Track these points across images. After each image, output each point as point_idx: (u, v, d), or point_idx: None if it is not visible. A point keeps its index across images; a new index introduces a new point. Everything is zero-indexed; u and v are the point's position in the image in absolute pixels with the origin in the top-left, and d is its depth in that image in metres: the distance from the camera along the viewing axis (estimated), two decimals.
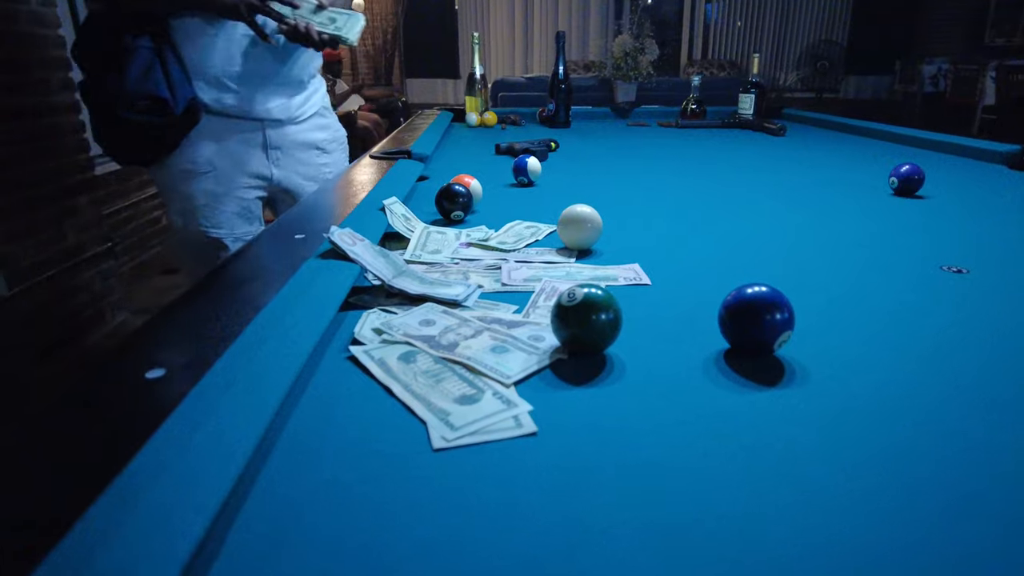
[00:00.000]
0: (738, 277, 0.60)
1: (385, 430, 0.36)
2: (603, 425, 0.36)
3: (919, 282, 0.61)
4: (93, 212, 2.24)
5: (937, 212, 0.89)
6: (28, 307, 1.90)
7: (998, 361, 0.44)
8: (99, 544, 0.23)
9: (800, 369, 0.42)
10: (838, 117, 1.94)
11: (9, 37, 1.87)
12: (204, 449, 0.29)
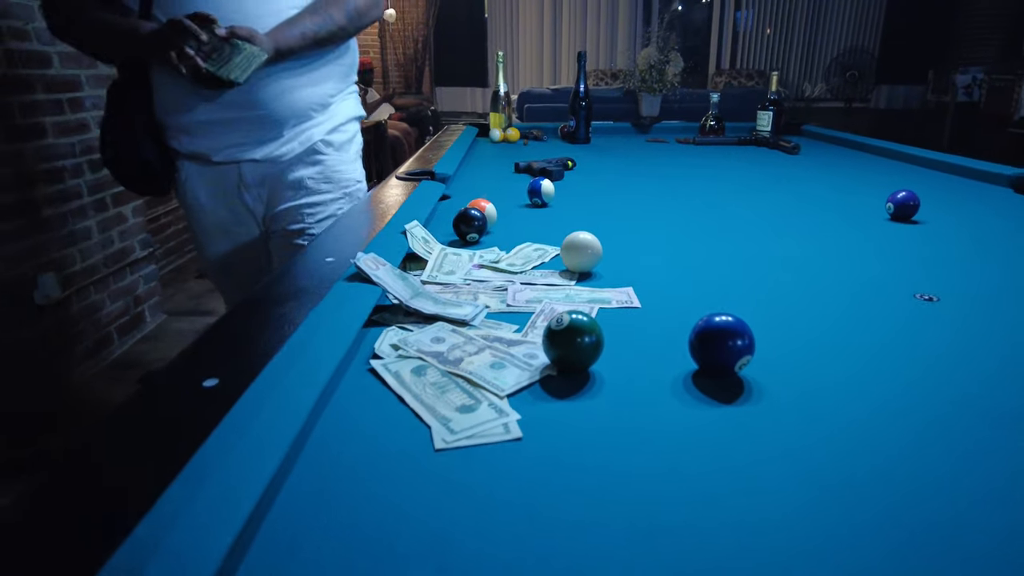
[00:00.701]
0: (719, 302, 0.66)
1: (397, 432, 0.43)
2: (581, 433, 0.43)
3: (890, 310, 0.66)
4: (137, 220, 2.38)
5: (926, 238, 0.94)
6: (78, 308, 2.04)
7: (948, 390, 0.50)
8: (170, 523, 0.31)
9: (766, 390, 0.49)
10: (855, 135, 1.97)
11: (68, 57, 2.01)
12: (248, 449, 0.37)
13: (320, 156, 1.19)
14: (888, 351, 0.56)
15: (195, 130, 1.10)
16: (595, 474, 0.39)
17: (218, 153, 1.12)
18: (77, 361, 2.03)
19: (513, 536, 0.33)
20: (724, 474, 0.39)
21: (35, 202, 1.86)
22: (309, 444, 0.42)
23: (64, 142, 1.99)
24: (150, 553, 0.28)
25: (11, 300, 1.76)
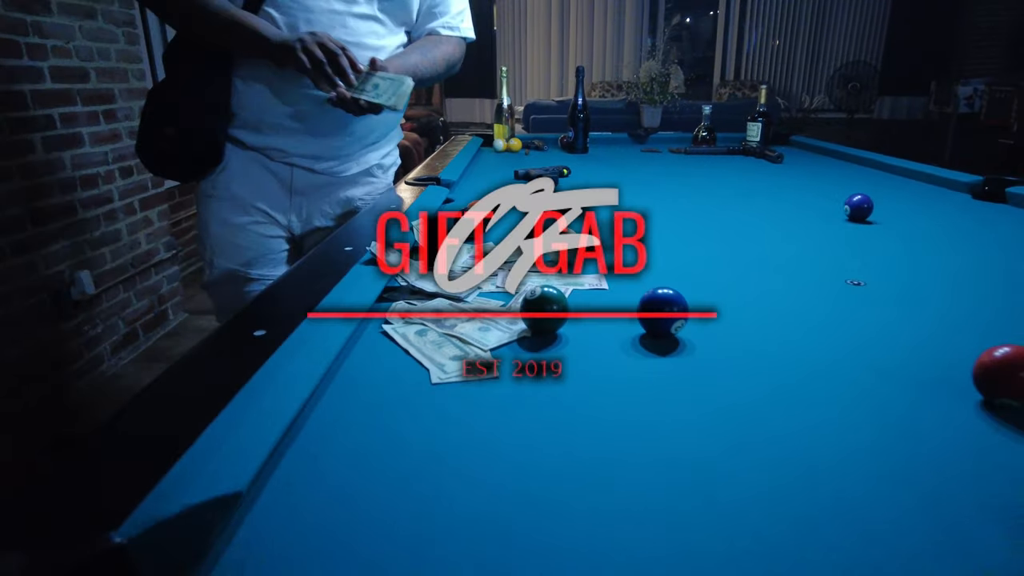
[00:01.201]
0: (679, 282, 0.79)
1: (402, 377, 0.56)
2: (547, 378, 0.55)
3: (824, 292, 0.78)
4: (161, 223, 2.53)
5: (873, 236, 1.05)
6: (108, 304, 2.18)
7: (870, 356, 0.62)
8: (221, 442, 0.43)
9: (713, 353, 0.61)
10: (837, 146, 2.08)
11: (104, 72, 2.17)
12: (285, 383, 0.49)
13: (372, 178, 1.26)
14: (819, 327, 0.68)
15: (267, 129, 1.11)
16: (555, 407, 0.51)
17: (279, 155, 1.13)
18: (108, 353, 2.17)
19: (492, 452, 0.46)
20: (661, 413, 0.51)
21: (73, 206, 2.01)
22: (332, 385, 0.54)
23: (99, 150, 2.14)
24: (214, 452, 0.40)
25: (51, 295, 1.91)
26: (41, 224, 1.87)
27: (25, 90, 1.82)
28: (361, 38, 1.11)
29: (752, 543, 0.35)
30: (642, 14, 7.36)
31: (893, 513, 0.38)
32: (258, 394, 0.47)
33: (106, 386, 2.10)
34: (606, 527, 0.37)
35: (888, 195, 1.36)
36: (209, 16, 1.00)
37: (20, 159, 1.80)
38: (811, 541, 0.36)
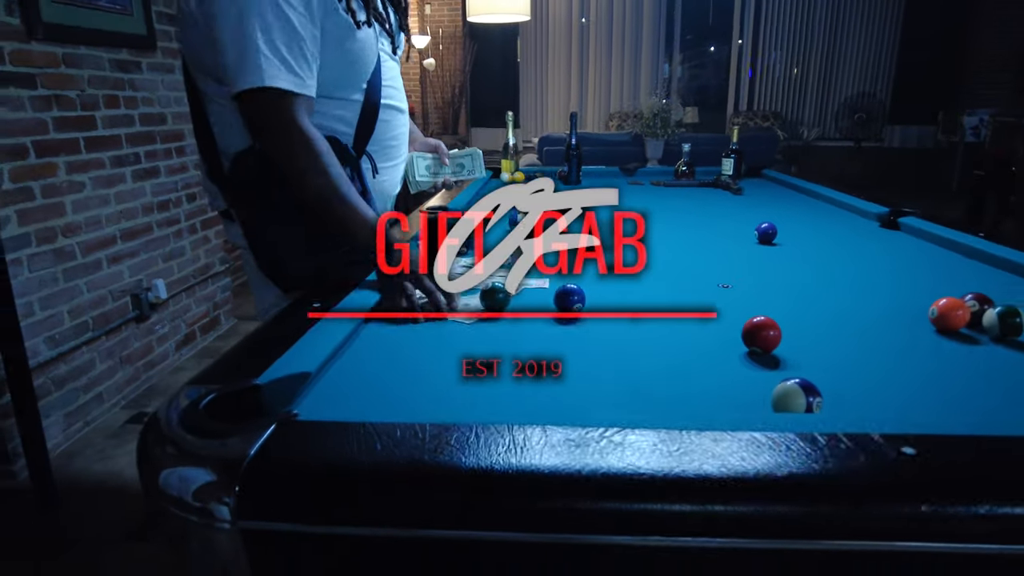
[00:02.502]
0: (611, 284, 1.13)
1: (420, 328, 0.91)
2: (496, 327, 0.90)
3: (701, 292, 1.11)
4: (217, 241, 2.95)
5: (767, 253, 1.38)
6: (174, 309, 2.59)
7: (720, 337, 0.95)
8: (302, 349, 0.79)
9: (616, 340, 0.95)
10: (798, 180, 2.40)
11: (177, 115, 2.61)
12: (336, 327, 0.85)
13: None
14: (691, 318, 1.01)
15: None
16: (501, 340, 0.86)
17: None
18: (172, 350, 2.58)
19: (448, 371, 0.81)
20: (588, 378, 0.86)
21: (151, 226, 2.43)
22: (364, 331, 0.90)
23: (171, 180, 2.58)
24: (283, 371, 0.76)
25: (132, 300, 2.32)
26: (128, 240, 2.30)
27: (121, 134, 2.26)
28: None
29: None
30: (658, 46, 7.74)
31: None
32: (322, 330, 0.83)
33: (171, 377, 2.50)
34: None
35: (809, 221, 1.69)
36: (340, 215, 1.02)
37: (115, 188, 2.23)
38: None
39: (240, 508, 0.51)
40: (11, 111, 1.79)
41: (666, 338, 0.90)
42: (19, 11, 1.80)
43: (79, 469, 1.85)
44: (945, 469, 0.50)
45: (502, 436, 0.54)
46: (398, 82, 1.23)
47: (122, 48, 2.26)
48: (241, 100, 0.98)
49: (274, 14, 0.95)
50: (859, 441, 0.52)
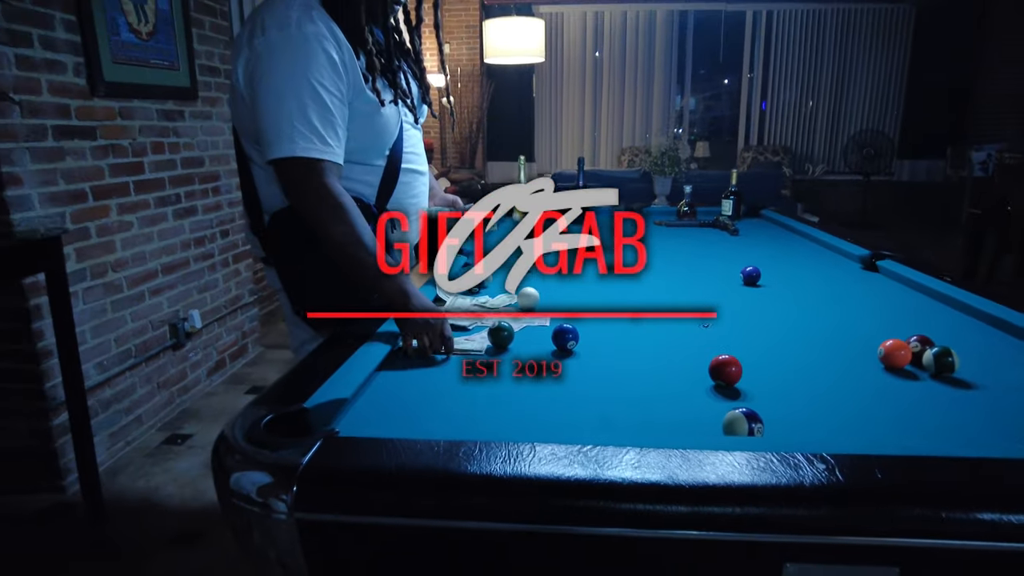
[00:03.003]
0: (606, 320, 1.28)
1: (434, 370, 1.07)
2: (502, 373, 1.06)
3: (683, 331, 1.26)
4: (247, 274, 3.15)
5: (750, 294, 1.52)
6: (207, 337, 2.78)
7: (699, 369, 1.10)
8: (341, 377, 0.95)
9: (599, 365, 1.10)
10: (792, 220, 2.54)
11: (214, 158, 2.83)
12: (369, 352, 1.01)
13: None
14: (674, 352, 1.16)
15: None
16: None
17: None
18: (204, 376, 2.75)
19: (472, 397, 0.96)
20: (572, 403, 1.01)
21: (188, 260, 2.63)
22: (389, 363, 1.05)
23: (207, 217, 2.78)
24: (324, 396, 0.92)
25: (169, 329, 2.51)
26: (168, 273, 2.49)
27: (165, 177, 2.47)
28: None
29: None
30: (669, 83, 7.96)
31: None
32: (355, 363, 0.98)
33: (202, 401, 2.67)
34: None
35: (796, 263, 1.83)
36: (359, 258, 1.14)
37: (158, 226, 2.44)
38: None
39: (295, 503, 0.66)
40: (75, 160, 2.00)
41: (644, 371, 1.05)
42: (85, 72, 2.02)
43: (122, 485, 2.01)
44: (859, 482, 0.64)
45: (500, 450, 0.69)
46: (419, 147, 1.41)
47: (168, 99, 2.49)
48: (277, 166, 1.16)
49: (309, 95, 1.13)
50: (782, 458, 0.66)
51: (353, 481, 0.68)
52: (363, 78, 1.19)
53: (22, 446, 1.93)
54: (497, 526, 0.64)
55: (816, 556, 0.63)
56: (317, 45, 1.12)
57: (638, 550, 0.63)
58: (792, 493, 0.62)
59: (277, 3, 1.17)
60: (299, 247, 1.28)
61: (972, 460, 0.68)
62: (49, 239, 1.69)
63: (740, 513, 0.61)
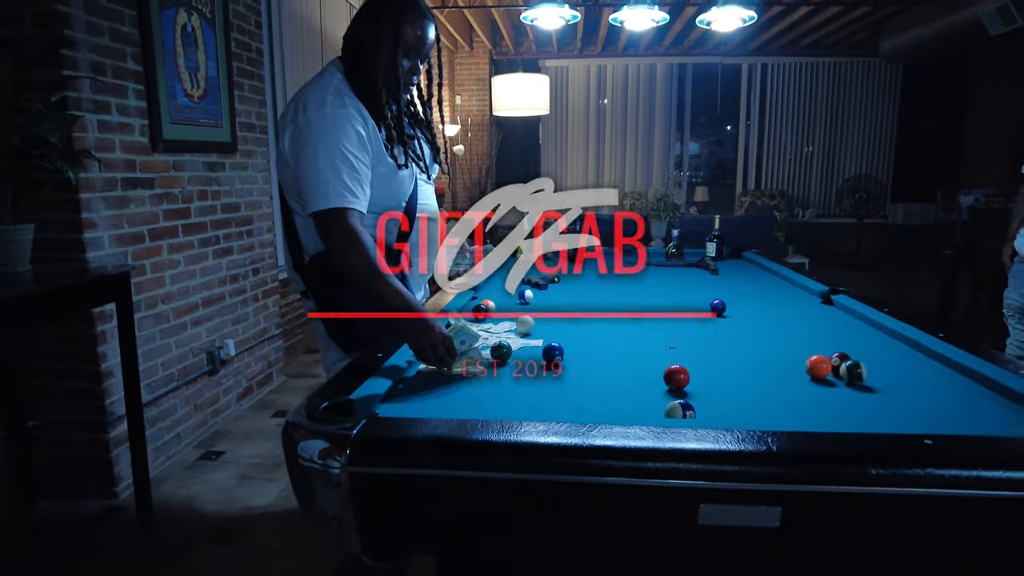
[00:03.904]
0: (595, 344, 1.53)
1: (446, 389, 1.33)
2: (502, 376, 1.32)
3: (653, 350, 1.51)
4: (274, 308, 3.44)
5: (714, 324, 1.78)
6: (237, 365, 3.05)
7: (659, 375, 1.36)
8: (377, 380, 1.21)
9: (581, 378, 1.36)
10: (768, 261, 2.81)
11: (248, 203, 3.15)
12: (395, 364, 1.28)
13: None
14: (642, 368, 1.41)
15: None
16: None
17: None
18: (234, 400, 3.01)
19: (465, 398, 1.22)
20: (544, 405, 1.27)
21: (223, 295, 2.93)
22: (413, 369, 1.32)
23: (242, 257, 3.09)
24: (364, 392, 1.19)
25: (207, 356, 2.78)
26: (207, 306, 2.78)
27: (207, 220, 2.78)
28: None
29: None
30: (669, 131, 8.36)
31: None
32: (385, 369, 1.25)
33: (232, 423, 2.92)
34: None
35: (764, 298, 2.09)
36: (379, 288, 1.38)
37: (200, 264, 2.74)
38: None
39: (348, 462, 0.92)
40: (136, 207, 2.31)
41: (614, 378, 1.30)
42: (148, 132, 2.35)
43: (165, 493, 2.26)
44: (754, 445, 0.89)
45: (498, 426, 0.95)
46: (431, 199, 1.70)
47: (212, 152, 2.82)
48: (316, 217, 1.44)
49: (341, 160, 1.42)
50: (703, 432, 0.92)
51: (389, 445, 0.94)
52: (384, 147, 1.49)
53: (82, 456, 2.18)
54: (493, 475, 0.90)
55: (723, 499, 0.88)
56: (347, 122, 1.42)
57: (592, 495, 0.89)
58: (707, 454, 0.88)
59: (315, 88, 1.48)
60: (332, 283, 1.57)
61: (838, 434, 0.93)
62: (121, 274, 1.98)
63: (670, 467, 0.86)
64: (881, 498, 0.85)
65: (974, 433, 0.97)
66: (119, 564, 1.88)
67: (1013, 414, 1.11)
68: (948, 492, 0.84)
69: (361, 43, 1.52)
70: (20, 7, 1.93)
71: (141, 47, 2.29)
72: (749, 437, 0.91)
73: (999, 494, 0.84)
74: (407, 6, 1.51)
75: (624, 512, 0.91)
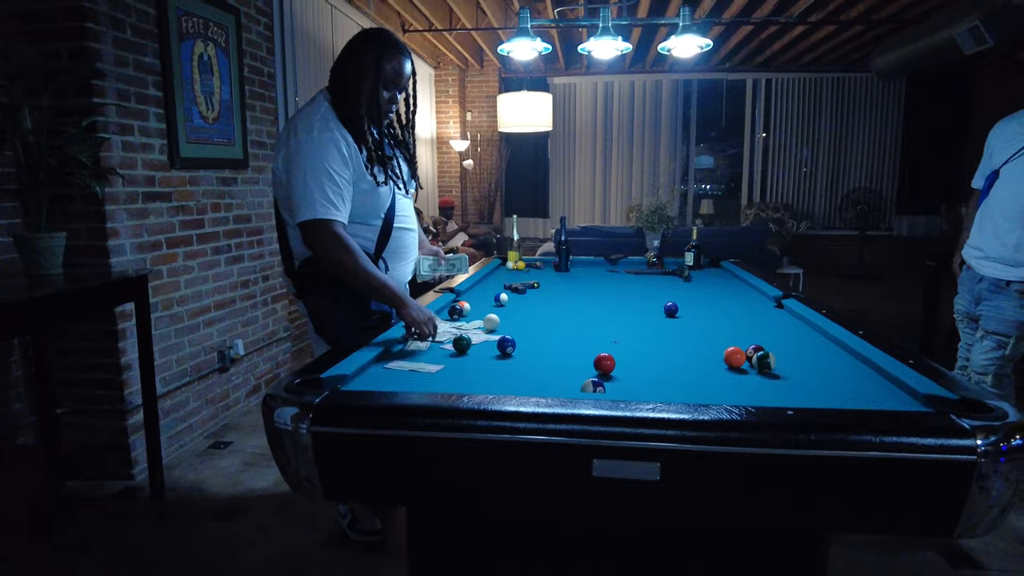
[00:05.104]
0: (555, 337, 1.73)
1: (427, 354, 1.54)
2: (468, 362, 1.52)
3: (599, 345, 1.70)
4: (282, 312, 3.68)
5: (664, 323, 1.96)
6: (246, 365, 3.29)
7: (621, 375, 1.56)
8: (346, 364, 1.42)
9: (535, 366, 1.56)
10: (740, 270, 2.98)
11: (259, 215, 3.40)
12: (365, 353, 1.49)
13: None
14: (584, 357, 1.61)
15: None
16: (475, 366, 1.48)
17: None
18: (243, 397, 3.25)
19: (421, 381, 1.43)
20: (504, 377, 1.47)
21: (235, 299, 3.17)
22: (378, 360, 1.52)
23: (252, 264, 3.34)
24: (334, 372, 1.40)
25: (218, 354, 3.03)
26: (219, 309, 3.03)
27: (220, 231, 3.04)
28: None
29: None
30: (675, 144, 8.53)
31: None
32: (354, 357, 1.46)
33: (240, 418, 3.16)
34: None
35: (721, 301, 2.27)
36: (367, 280, 1.69)
37: (213, 271, 2.99)
38: None
39: (312, 422, 1.13)
40: (155, 218, 2.57)
41: (559, 364, 1.50)
42: (167, 151, 2.61)
43: (176, 476, 2.49)
44: (638, 411, 1.08)
45: (427, 397, 1.15)
46: (409, 210, 1.93)
47: (225, 168, 3.08)
48: (303, 226, 1.67)
49: (325, 176, 1.65)
50: (604, 401, 1.11)
51: (344, 410, 1.15)
52: (364, 167, 1.71)
53: (103, 442, 2.43)
54: (421, 434, 1.10)
55: (611, 455, 1.07)
56: (332, 145, 1.65)
57: (505, 450, 1.08)
58: (598, 418, 1.07)
59: (305, 115, 1.71)
60: (319, 285, 1.80)
61: (712, 406, 1.12)
62: (139, 277, 2.23)
63: (566, 428, 1.06)
64: (745, 456, 1.04)
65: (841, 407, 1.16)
66: (134, 535, 2.11)
67: (888, 395, 1.29)
68: (802, 452, 1.02)
69: (347, 76, 1.75)
70: (58, 43, 2.20)
71: (161, 75, 2.56)
72: (634, 406, 1.10)
73: (840, 454, 1.02)
74: (387, 45, 1.75)
75: (531, 465, 1.10)
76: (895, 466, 1.02)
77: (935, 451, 1.01)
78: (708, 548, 1.28)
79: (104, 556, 1.99)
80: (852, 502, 1.06)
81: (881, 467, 1.02)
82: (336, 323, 1.80)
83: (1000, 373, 2.36)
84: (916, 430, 1.03)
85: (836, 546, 1.94)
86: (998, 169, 2.43)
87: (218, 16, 2.92)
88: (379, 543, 2.01)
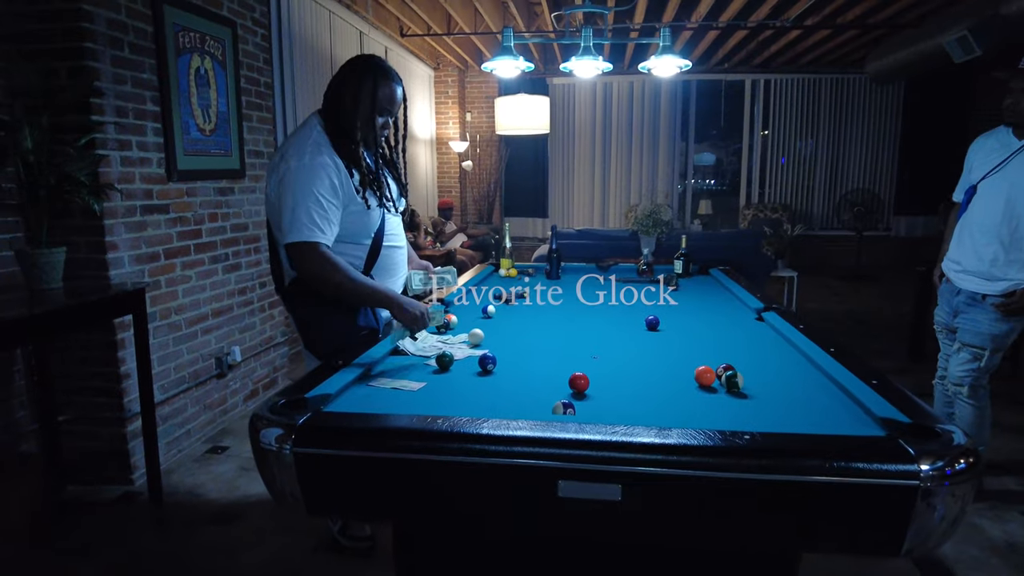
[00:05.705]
0: (534, 350, 1.79)
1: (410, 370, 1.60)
2: (451, 378, 1.58)
3: (579, 360, 1.77)
4: (279, 318, 3.75)
5: (645, 336, 2.02)
6: (244, 370, 3.36)
7: (596, 391, 1.62)
8: (330, 382, 1.49)
9: (513, 378, 1.62)
10: (726, 278, 3.03)
11: (256, 223, 3.47)
12: (349, 372, 1.55)
13: None
14: (562, 374, 1.67)
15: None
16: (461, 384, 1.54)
17: None
18: (241, 402, 3.32)
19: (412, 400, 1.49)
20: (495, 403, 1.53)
21: (232, 306, 3.24)
22: (361, 380, 1.59)
23: (249, 271, 3.40)
24: (318, 392, 1.46)
25: (215, 361, 3.10)
26: (216, 316, 3.10)
27: (217, 240, 3.10)
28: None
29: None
30: (673, 146, 8.56)
31: None
32: (338, 377, 1.52)
33: (238, 422, 3.23)
34: None
35: (704, 313, 2.33)
36: (356, 290, 1.77)
37: (210, 279, 3.06)
38: None
39: (295, 444, 1.19)
40: (153, 230, 2.64)
41: (535, 382, 1.56)
42: (165, 164, 2.68)
43: (175, 481, 2.56)
44: (602, 435, 1.14)
45: (405, 419, 1.21)
46: (397, 229, 1.99)
47: (223, 179, 3.14)
48: (289, 248, 1.73)
49: (314, 201, 1.71)
50: (569, 425, 1.17)
51: (325, 431, 1.21)
52: (356, 190, 1.77)
53: (103, 448, 2.50)
54: (399, 456, 1.16)
55: (577, 477, 1.13)
56: (322, 171, 1.72)
57: (475, 470, 1.15)
58: (567, 441, 1.13)
59: (297, 140, 1.78)
60: (308, 303, 1.87)
61: (669, 429, 1.18)
62: (136, 290, 2.29)
63: (541, 451, 1.12)
64: (699, 479, 1.10)
65: (804, 432, 1.22)
66: (134, 539, 2.19)
67: (849, 417, 1.34)
68: (754, 477, 1.08)
69: (341, 102, 1.81)
70: (57, 63, 2.26)
71: (159, 90, 2.62)
72: (596, 429, 1.16)
73: (791, 479, 1.08)
74: (381, 73, 1.81)
75: (502, 484, 1.16)
76: (844, 490, 1.08)
77: (880, 476, 1.07)
78: (679, 561, 1.35)
79: (104, 560, 2.07)
80: (804, 525, 1.12)
81: (830, 491, 1.08)
82: (326, 340, 1.86)
83: (976, 384, 2.41)
84: (863, 456, 1.09)
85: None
86: (976, 184, 2.47)
87: (215, 30, 2.98)
88: (369, 549, 2.08)
